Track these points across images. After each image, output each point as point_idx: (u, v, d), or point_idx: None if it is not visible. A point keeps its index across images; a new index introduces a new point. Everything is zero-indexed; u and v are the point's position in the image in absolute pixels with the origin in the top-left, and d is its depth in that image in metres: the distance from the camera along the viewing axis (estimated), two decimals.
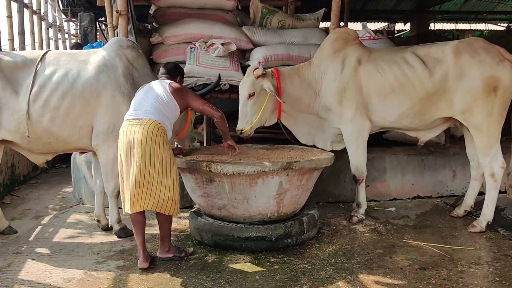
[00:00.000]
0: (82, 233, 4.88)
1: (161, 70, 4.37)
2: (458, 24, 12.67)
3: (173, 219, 5.14)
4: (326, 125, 5.13)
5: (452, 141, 6.11)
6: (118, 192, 4.66)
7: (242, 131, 4.82)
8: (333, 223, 5.09)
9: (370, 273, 3.82)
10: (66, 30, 11.18)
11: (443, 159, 6.00)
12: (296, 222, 4.40)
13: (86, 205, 5.96)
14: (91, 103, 4.48)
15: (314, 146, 5.17)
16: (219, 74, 5.25)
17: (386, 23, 12.83)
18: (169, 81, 4.11)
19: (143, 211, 3.95)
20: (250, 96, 4.75)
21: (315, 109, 5.04)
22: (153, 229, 4.88)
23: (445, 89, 4.76)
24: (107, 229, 4.91)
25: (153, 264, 3.98)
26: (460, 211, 5.22)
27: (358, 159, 5.02)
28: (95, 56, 4.68)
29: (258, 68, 4.79)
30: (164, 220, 4.04)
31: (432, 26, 11.98)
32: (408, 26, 12.05)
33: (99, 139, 4.54)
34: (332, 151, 5.05)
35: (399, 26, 12.90)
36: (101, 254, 4.29)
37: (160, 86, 4.02)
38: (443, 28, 12.81)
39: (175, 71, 4.35)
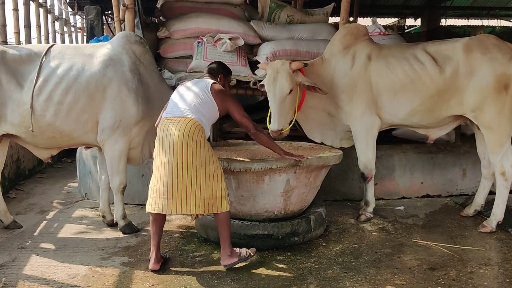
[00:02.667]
0: (87, 229, 4.85)
1: (207, 69, 4.22)
2: (469, 20, 12.53)
3: (178, 216, 5.18)
4: (336, 122, 5.06)
5: (463, 139, 6.01)
6: (124, 188, 4.66)
7: (282, 131, 4.52)
8: (341, 222, 5.03)
9: (378, 273, 3.76)
10: (72, 24, 11.15)
11: (453, 158, 5.92)
12: (303, 220, 4.34)
13: (91, 200, 5.93)
14: (96, 98, 4.44)
15: (322, 143, 5.10)
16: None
17: (396, 19, 12.72)
18: (212, 81, 3.95)
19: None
20: (290, 91, 4.53)
21: (326, 106, 4.97)
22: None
23: (456, 87, 4.69)
24: (112, 225, 4.88)
25: (163, 267, 3.87)
26: (470, 210, 5.14)
27: (367, 157, 4.95)
28: (101, 50, 4.63)
29: (293, 61, 4.62)
30: (223, 220, 3.78)
31: (443, 22, 11.87)
32: (418, 22, 11.92)
33: (105, 134, 4.50)
34: (340, 148, 4.99)
35: (409, 21, 12.80)
36: (106, 250, 4.26)
37: (201, 84, 3.90)
38: (454, 24, 12.70)
39: (216, 70, 4.15)
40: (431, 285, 3.55)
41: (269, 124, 4.59)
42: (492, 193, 4.99)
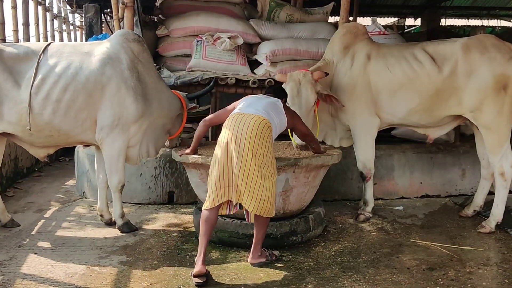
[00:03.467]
0: (85, 228, 4.83)
1: (268, 89, 4.33)
2: (469, 20, 12.49)
3: (176, 215, 5.19)
4: (336, 121, 5.05)
5: (462, 139, 6.00)
6: (122, 187, 4.65)
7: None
8: (339, 221, 5.01)
9: (377, 272, 3.75)
10: (71, 22, 11.09)
11: (453, 158, 5.92)
12: (302, 220, 4.33)
13: (89, 199, 5.91)
14: (94, 96, 4.42)
15: (322, 142, 5.08)
16: (215, 79, 5.17)
17: (396, 18, 12.69)
18: (279, 99, 4.04)
19: (217, 212, 3.74)
20: (316, 103, 4.53)
21: (326, 105, 4.95)
22: (156, 225, 4.84)
23: (454, 86, 4.68)
24: (110, 223, 4.86)
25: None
26: (469, 211, 5.13)
27: (366, 156, 4.95)
28: (99, 48, 4.60)
29: (316, 71, 4.59)
30: (263, 223, 3.81)
31: (443, 22, 11.82)
32: (418, 22, 11.88)
33: (103, 133, 4.48)
34: (339, 147, 4.98)
35: (409, 21, 12.76)
36: (104, 249, 4.24)
37: (271, 99, 3.98)
38: (454, 24, 12.66)
39: (281, 94, 4.23)
40: (430, 285, 3.53)
41: (292, 137, 4.55)
42: (491, 193, 4.98)
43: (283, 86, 4.55)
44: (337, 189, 5.80)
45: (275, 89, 4.27)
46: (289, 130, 4.44)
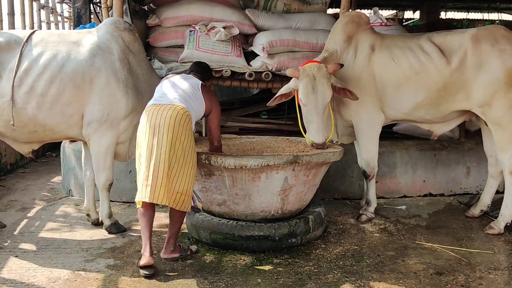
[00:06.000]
0: (70, 228, 4.59)
1: (193, 66, 4.25)
2: (469, 13, 12.36)
3: (168, 215, 4.87)
4: (338, 117, 4.80)
5: (467, 135, 5.78)
6: (110, 185, 4.42)
7: (327, 140, 4.24)
8: (340, 222, 4.78)
9: (382, 277, 3.55)
10: (59, 12, 10.79)
11: (457, 155, 5.68)
12: (302, 221, 4.10)
13: (75, 197, 5.65)
14: (83, 89, 4.18)
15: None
16: None
17: (394, 11, 12.52)
18: (200, 81, 3.97)
19: (152, 206, 3.67)
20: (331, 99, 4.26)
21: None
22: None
23: (463, 80, 4.47)
24: (97, 224, 4.62)
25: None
26: (476, 210, 4.91)
27: (369, 154, 4.71)
28: (88, 38, 4.36)
29: (330, 64, 4.29)
30: (179, 218, 3.74)
31: (443, 15, 11.66)
32: (417, 15, 11.71)
33: (91, 128, 4.24)
34: (340, 144, 4.74)
35: (408, 14, 12.57)
36: (90, 251, 4.01)
37: (192, 81, 3.91)
38: (454, 17, 12.51)
39: (207, 74, 4.23)
40: None
41: (307, 135, 4.27)
42: (498, 192, 4.80)
43: (294, 82, 4.29)
44: (337, 187, 5.56)
45: (201, 70, 4.17)
46: (301, 127, 4.25)
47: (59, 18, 10.91)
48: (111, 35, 4.38)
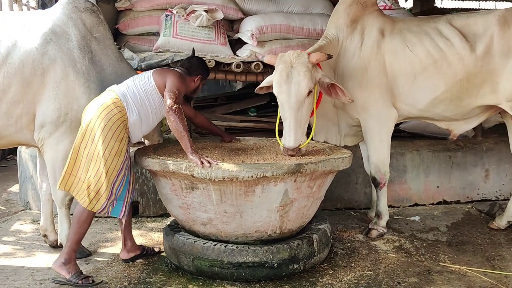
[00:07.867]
0: (25, 252, 3.84)
1: (183, 60, 3.88)
2: (464, 1, 11.95)
3: (142, 232, 4.19)
4: (340, 114, 4.11)
5: (484, 134, 5.15)
6: (70, 201, 3.70)
7: (299, 147, 3.48)
8: (347, 239, 4.08)
9: None
10: (24, 2, 9.96)
11: (475, 156, 5.04)
12: (305, 242, 3.39)
13: (34, 211, 4.85)
14: (33, 84, 3.45)
15: (325, 142, 4.15)
16: (193, 48, 4.25)
17: None
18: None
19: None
20: (309, 93, 3.48)
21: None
22: (116, 247, 3.82)
23: (489, 70, 3.91)
24: (56, 246, 3.88)
25: None
26: (502, 222, 4.25)
27: (380, 157, 4.03)
28: (40, 21, 3.61)
29: (316, 52, 3.58)
30: (79, 214, 3.22)
31: (439, 4, 11.20)
32: (410, 3, 11.25)
33: (45, 132, 3.51)
34: (343, 146, 4.07)
35: (401, 2, 12.12)
36: (45, 284, 3.26)
37: (149, 73, 3.53)
38: (448, 7, 12.10)
39: (194, 69, 3.67)
40: None
41: (280, 139, 3.55)
42: None
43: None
44: (340, 195, 4.88)
45: (191, 65, 3.69)
46: (276, 131, 3.63)
47: (25, 8, 10.03)
48: (68, 17, 3.64)
